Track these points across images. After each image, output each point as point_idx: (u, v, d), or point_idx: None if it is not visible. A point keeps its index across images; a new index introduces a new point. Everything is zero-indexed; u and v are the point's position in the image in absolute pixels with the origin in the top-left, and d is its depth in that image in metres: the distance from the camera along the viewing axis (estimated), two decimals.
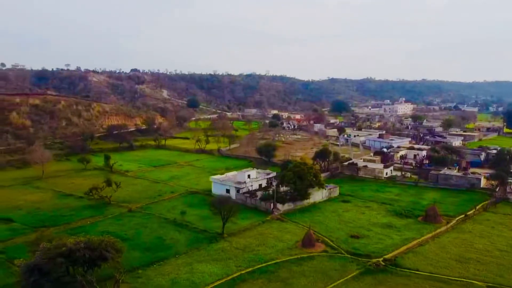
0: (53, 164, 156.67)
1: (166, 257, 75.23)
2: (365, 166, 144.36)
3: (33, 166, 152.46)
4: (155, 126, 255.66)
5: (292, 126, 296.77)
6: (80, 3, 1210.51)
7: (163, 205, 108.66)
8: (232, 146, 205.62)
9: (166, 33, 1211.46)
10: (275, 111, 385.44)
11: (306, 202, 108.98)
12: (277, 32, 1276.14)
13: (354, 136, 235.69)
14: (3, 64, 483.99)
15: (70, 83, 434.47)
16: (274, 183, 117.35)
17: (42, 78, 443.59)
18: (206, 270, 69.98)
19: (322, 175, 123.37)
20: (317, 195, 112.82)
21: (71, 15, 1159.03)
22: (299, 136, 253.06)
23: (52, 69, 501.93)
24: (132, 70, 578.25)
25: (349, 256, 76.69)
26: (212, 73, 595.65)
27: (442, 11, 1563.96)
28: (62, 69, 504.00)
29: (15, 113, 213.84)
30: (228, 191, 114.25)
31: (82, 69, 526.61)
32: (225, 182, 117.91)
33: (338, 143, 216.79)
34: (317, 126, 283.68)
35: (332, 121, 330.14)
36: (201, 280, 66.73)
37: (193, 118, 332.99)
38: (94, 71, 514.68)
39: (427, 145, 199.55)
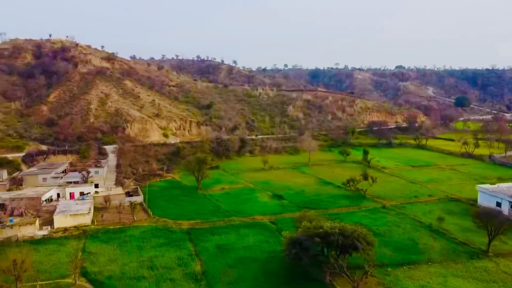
0: (318, 153, 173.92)
1: (417, 261, 71.67)
2: None
3: (302, 153, 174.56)
4: (417, 125, 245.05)
5: None
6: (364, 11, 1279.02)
7: (419, 207, 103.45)
8: (509, 153, 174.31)
9: (430, 23, 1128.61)
10: None
11: None
12: None
13: None
14: (285, 65, 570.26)
15: (338, 80, 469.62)
16: None
17: (314, 76, 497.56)
18: (462, 287, 62.73)
19: None
20: None
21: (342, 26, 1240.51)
22: None
23: (324, 68, 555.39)
24: (396, 67, 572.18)
25: None
26: (490, 67, 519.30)
27: None
28: (331, 68, 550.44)
29: (291, 107, 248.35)
30: (499, 204, 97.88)
31: (349, 67, 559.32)
32: (496, 193, 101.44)
33: None
34: None
35: None
36: None
37: (461, 118, 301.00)
38: (359, 69, 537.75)
39: None
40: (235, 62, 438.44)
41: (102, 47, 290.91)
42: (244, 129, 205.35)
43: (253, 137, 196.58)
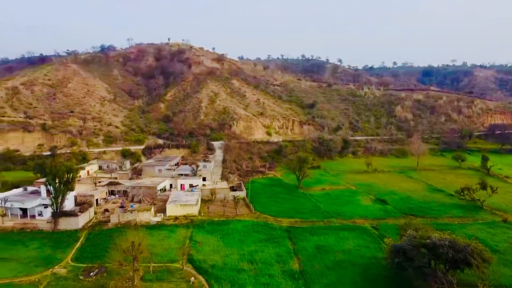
0: (428, 158, 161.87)
1: None
2: None
3: (410, 157, 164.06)
4: None
5: None
6: None
7: None
8: None
9: None
10: None
11: None
12: None
13: None
14: (395, 63, 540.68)
15: (454, 78, 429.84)
16: None
17: (427, 74, 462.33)
18: None
19: None
20: None
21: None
22: None
23: (438, 65, 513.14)
24: None
25: None
26: None
27: None
28: (447, 65, 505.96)
29: (400, 107, 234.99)
30: None
31: (468, 64, 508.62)
32: None
33: None
34: None
35: None
36: None
37: None
38: (481, 66, 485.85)
39: None
40: (340, 60, 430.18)
41: (213, 48, 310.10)
42: (347, 129, 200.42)
43: (357, 137, 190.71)
